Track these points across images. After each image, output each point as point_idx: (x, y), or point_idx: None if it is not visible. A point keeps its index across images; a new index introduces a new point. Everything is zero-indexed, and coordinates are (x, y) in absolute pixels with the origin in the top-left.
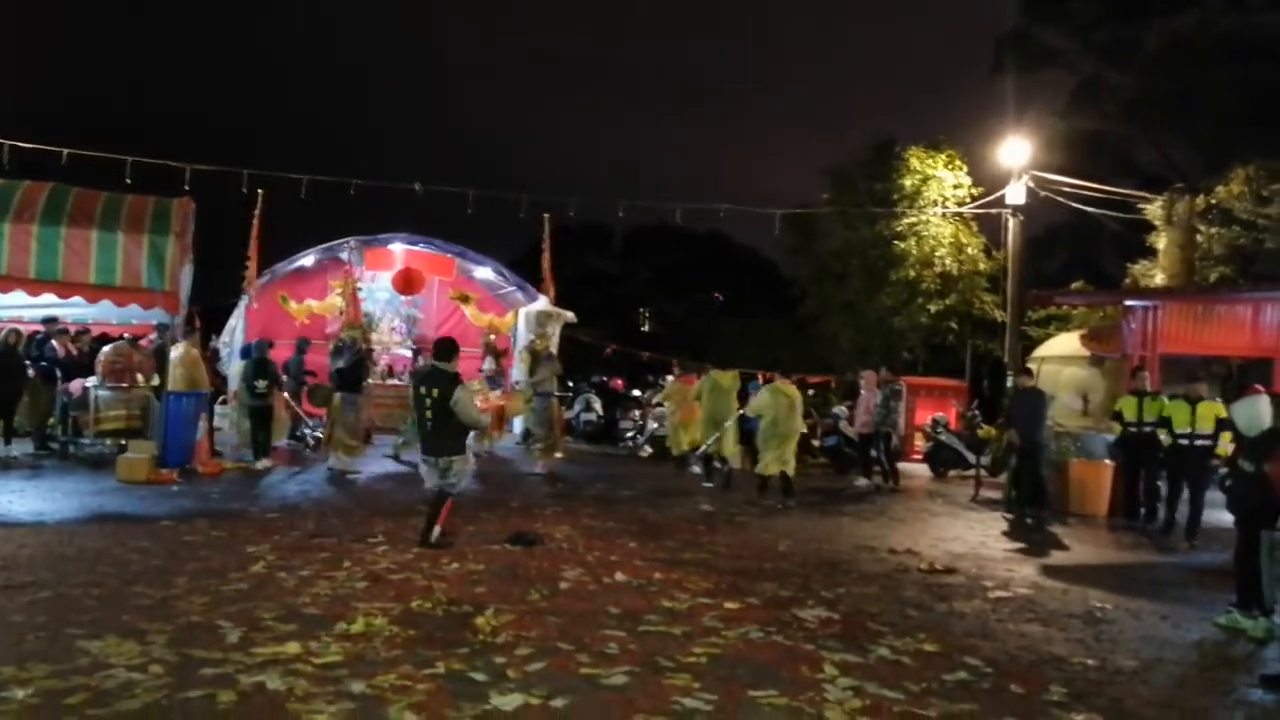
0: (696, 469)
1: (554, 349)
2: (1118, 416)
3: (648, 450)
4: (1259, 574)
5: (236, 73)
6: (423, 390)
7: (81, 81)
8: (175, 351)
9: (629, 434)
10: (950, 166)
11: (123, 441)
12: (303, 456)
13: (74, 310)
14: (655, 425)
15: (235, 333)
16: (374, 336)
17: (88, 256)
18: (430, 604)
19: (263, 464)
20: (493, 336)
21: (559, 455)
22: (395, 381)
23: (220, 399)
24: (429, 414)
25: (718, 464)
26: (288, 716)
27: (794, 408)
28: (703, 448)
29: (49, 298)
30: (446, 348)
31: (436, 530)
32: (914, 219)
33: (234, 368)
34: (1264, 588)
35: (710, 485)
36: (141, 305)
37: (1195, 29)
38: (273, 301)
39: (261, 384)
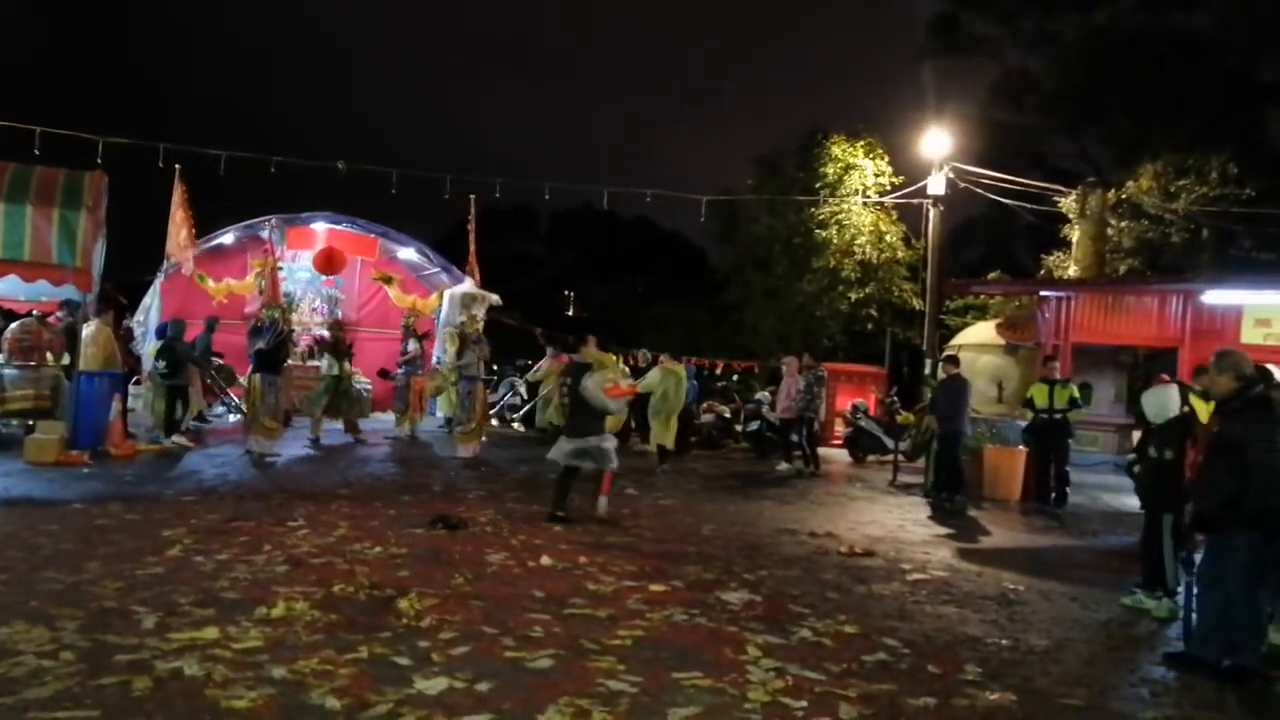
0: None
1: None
2: (1029, 403)
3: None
4: (1162, 556)
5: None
6: (567, 380)
7: None
8: (88, 330)
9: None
10: (871, 155)
11: (30, 422)
12: (205, 437)
13: None
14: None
15: (150, 311)
16: (294, 317)
17: None
18: (352, 588)
19: (172, 442)
20: (413, 319)
21: (482, 440)
22: (315, 363)
23: (134, 379)
24: (568, 399)
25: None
26: (206, 702)
27: (680, 384)
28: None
29: None
30: (575, 339)
31: (603, 500)
32: (835, 207)
33: (148, 347)
34: (1167, 569)
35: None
36: (51, 281)
37: (1108, 24)
38: (189, 280)
39: (161, 365)
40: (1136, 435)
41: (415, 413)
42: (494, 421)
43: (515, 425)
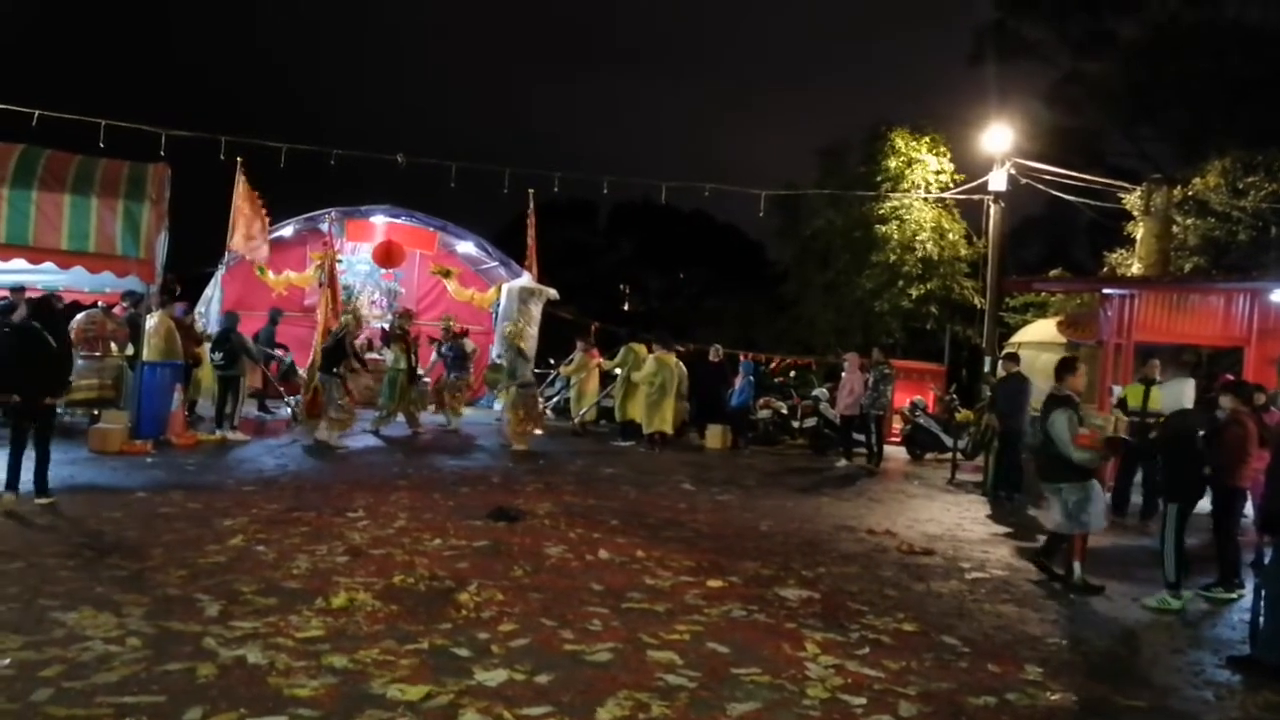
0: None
1: (535, 328)
2: (1121, 405)
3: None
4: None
5: (220, 38)
6: (1042, 409)
7: (53, 43)
8: (150, 321)
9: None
10: (934, 151)
11: (95, 412)
12: (270, 429)
13: (45, 277)
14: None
15: (211, 303)
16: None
17: (60, 221)
18: (412, 579)
19: (228, 434)
20: (452, 321)
21: (538, 431)
22: (374, 356)
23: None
24: (1041, 434)
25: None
26: (269, 690)
27: (675, 374)
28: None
29: (19, 263)
30: (1062, 367)
31: (1076, 568)
32: (897, 202)
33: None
34: (1165, 559)
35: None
36: (115, 273)
37: (1168, 21)
38: (249, 272)
39: (217, 356)
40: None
41: (451, 407)
42: (549, 414)
43: (549, 414)
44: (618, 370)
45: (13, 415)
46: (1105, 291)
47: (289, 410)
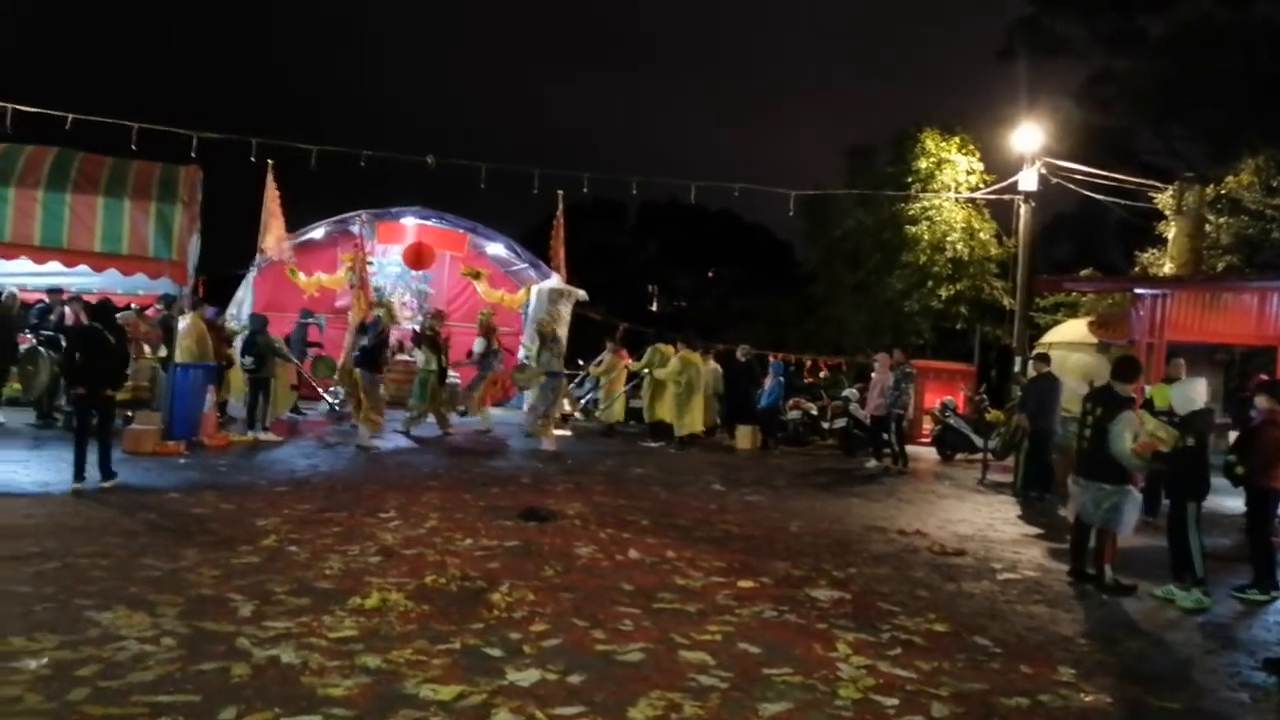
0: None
1: (564, 329)
2: (1148, 405)
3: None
4: (1189, 546)
5: (248, 39)
6: (1088, 405)
7: (85, 47)
8: (182, 323)
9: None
10: (964, 151)
11: (129, 413)
12: (302, 429)
13: (79, 279)
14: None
15: (242, 305)
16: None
17: (93, 224)
18: (444, 579)
19: (259, 435)
20: (489, 316)
21: (568, 433)
22: (405, 357)
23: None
24: (1087, 430)
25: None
26: (303, 689)
27: (701, 372)
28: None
29: (54, 265)
30: (1128, 368)
31: (1107, 570)
32: (927, 203)
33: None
34: (1193, 559)
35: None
36: (148, 275)
37: (1198, 19)
38: (281, 274)
39: (248, 360)
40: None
41: (484, 404)
42: (578, 415)
43: (577, 415)
44: (644, 371)
45: (77, 406)
46: (1137, 291)
47: (330, 406)
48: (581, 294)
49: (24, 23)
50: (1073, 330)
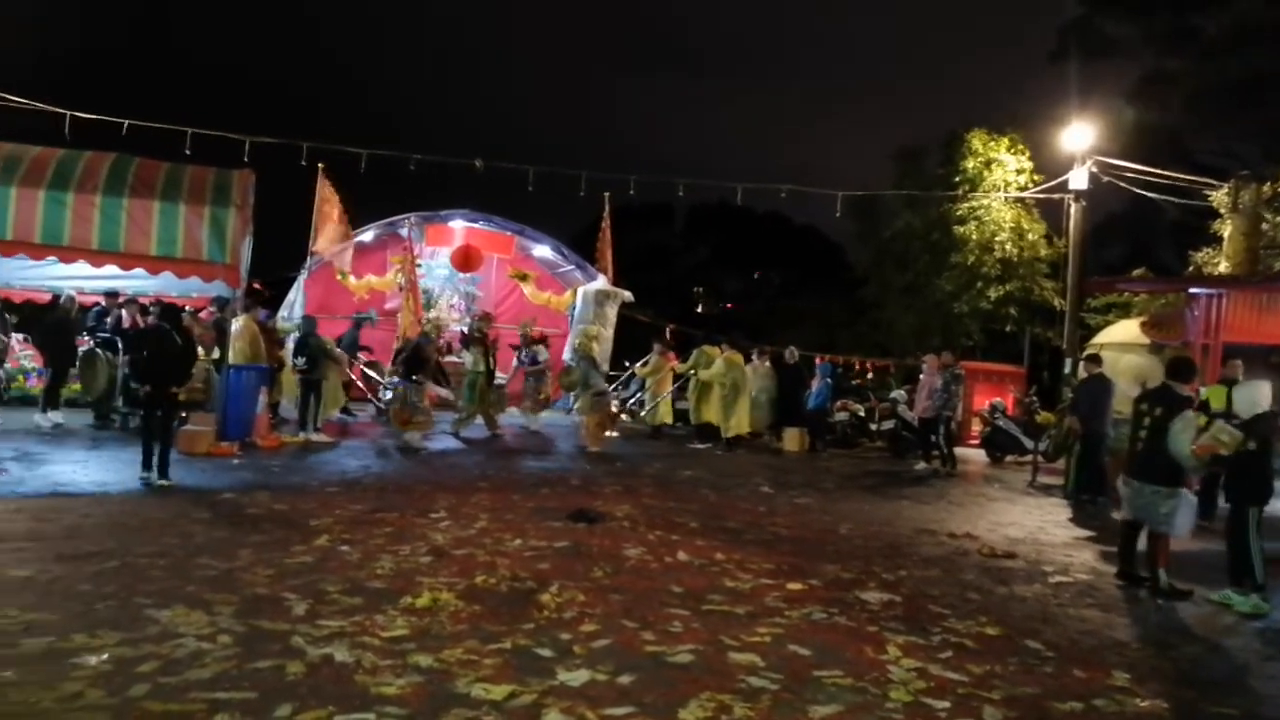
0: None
1: (610, 330)
2: (1204, 407)
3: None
4: (1249, 551)
5: (301, 44)
6: (1144, 406)
7: (138, 53)
8: (235, 325)
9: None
10: (1013, 151)
11: (183, 414)
12: (352, 430)
13: (135, 282)
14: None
15: (294, 307)
16: (431, 314)
17: (149, 227)
18: (494, 580)
19: (311, 436)
20: (531, 326)
21: (614, 434)
22: (452, 359)
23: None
24: (1143, 432)
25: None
26: (356, 688)
27: (745, 374)
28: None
29: (110, 269)
30: (1184, 368)
31: (1162, 574)
32: (975, 203)
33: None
34: (1254, 564)
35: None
36: (203, 278)
37: (1252, 18)
38: (331, 276)
39: (300, 361)
40: None
41: (537, 409)
42: (624, 417)
43: (625, 416)
44: (691, 372)
45: (144, 402)
46: (1192, 291)
47: (377, 409)
48: (627, 295)
49: (83, 29)
50: (1124, 331)
